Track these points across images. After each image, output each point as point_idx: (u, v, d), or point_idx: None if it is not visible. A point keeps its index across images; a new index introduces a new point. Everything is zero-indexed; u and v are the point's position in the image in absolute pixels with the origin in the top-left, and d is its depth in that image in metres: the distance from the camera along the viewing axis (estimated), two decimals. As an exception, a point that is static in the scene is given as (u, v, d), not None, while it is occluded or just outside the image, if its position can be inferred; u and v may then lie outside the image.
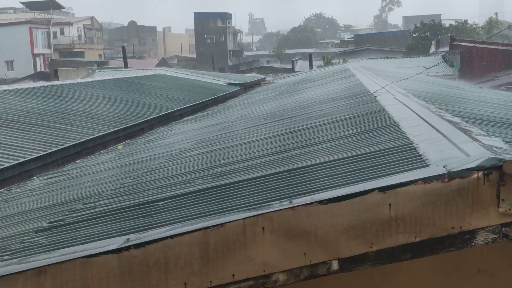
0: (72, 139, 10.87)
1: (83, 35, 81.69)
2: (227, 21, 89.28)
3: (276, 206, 2.69)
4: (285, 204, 2.68)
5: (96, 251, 2.66)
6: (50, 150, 9.82)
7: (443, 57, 36.65)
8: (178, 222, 3.10)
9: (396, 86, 8.44)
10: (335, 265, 2.61)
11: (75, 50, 76.09)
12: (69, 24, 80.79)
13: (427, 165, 2.91)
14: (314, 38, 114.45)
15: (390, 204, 2.54)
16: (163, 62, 68.10)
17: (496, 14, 79.92)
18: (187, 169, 5.28)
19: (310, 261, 2.59)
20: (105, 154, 9.64)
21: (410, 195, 2.53)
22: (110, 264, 2.60)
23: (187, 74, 28.23)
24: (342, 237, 2.56)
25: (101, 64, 49.81)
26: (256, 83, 28.05)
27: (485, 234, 2.57)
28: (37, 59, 69.42)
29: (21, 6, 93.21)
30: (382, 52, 64.17)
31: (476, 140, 3.28)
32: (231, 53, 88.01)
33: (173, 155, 6.76)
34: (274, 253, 2.58)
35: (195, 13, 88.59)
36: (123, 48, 43.87)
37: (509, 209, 2.49)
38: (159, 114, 15.15)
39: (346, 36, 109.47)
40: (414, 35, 65.10)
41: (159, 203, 3.83)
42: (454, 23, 68.45)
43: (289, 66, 53.20)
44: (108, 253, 2.63)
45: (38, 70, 64.59)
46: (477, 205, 2.53)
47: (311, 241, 2.57)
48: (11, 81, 48.64)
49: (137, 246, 2.61)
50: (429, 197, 2.52)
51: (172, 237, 2.61)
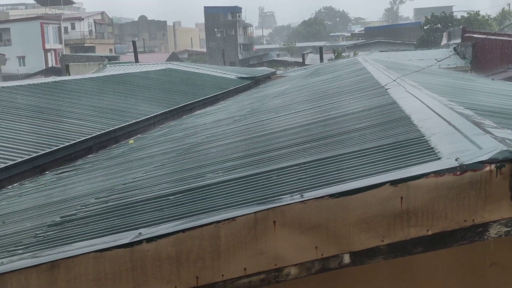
0: (84, 134, 10.92)
1: (93, 30, 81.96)
2: (237, 14, 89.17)
3: (287, 199, 2.69)
4: (296, 197, 2.68)
5: (108, 245, 2.67)
6: (62, 145, 9.88)
7: (454, 49, 36.39)
8: (189, 216, 3.11)
9: (407, 79, 8.40)
10: (346, 259, 2.60)
11: (86, 45, 76.35)
12: (79, 19, 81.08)
13: (439, 158, 2.90)
14: (324, 31, 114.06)
15: (401, 198, 2.53)
16: (174, 57, 68.16)
17: (509, 5, 79.28)
18: (198, 163, 5.29)
19: (322, 254, 2.59)
20: (117, 149, 9.68)
21: (422, 188, 2.52)
22: (123, 258, 2.62)
23: (197, 68, 28.24)
24: (353, 231, 2.56)
25: (112, 59, 49.89)
26: (267, 77, 28.02)
27: (497, 227, 2.55)
28: (49, 54, 69.73)
29: (32, 1, 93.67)
30: (393, 44, 63.90)
31: (488, 132, 3.26)
32: (241, 47, 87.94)
33: (184, 149, 6.78)
34: (285, 246, 2.58)
35: (205, 7, 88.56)
36: (134, 43, 43.93)
37: (522, 202, 2.48)
38: (170, 108, 15.19)
39: (357, 29, 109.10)
40: (425, 27, 64.75)
41: (171, 197, 3.84)
42: (465, 14, 67.96)
43: (300, 59, 53.07)
44: (120, 247, 2.64)
45: (50, 65, 64.84)
46: (489, 198, 2.51)
47: (323, 234, 2.57)
48: (23, 76, 48.89)
49: (149, 240, 2.62)
50: (441, 190, 2.51)
51: (183, 231, 2.61)
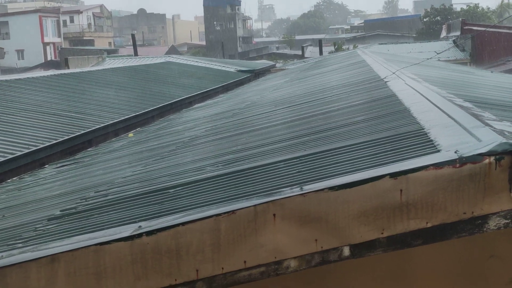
0: (83, 127, 10.93)
1: (92, 23, 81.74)
2: (236, 7, 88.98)
3: (287, 192, 2.70)
4: (296, 190, 2.68)
5: (108, 239, 2.67)
6: (61, 139, 9.89)
7: (454, 41, 36.30)
8: (189, 209, 3.11)
9: (407, 71, 8.39)
10: (346, 251, 2.61)
11: (85, 38, 76.19)
12: (78, 12, 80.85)
13: (438, 151, 2.90)
14: (324, 24, 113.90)
15: (401, 190, 2.53)
16: (173, 50, 68.04)
17: (508, -3, 79.05)
18: (198, 156, 5.29)
19: (322, 247, 2.59)
20: (116, 142, 9.67)
21: (421, 181, 2.52)
22: (123, 251, 2.62)
23: (197, 61, 28.22)
24: (353, 223, 2.56)
25: (111, 52, 49.84)
26: (266, 70, 28.01)
27: (497, 219, 2.56)
28: (47, 47, 69.60)
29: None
30: (393, 37, 63.82)
31: (487, 125, 3.26)
32: (240, 40, 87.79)
33: (184, 142, 6.77)
34: (285, 239, 2.59)
35: (204, 0, 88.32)
36: (133, 36, 43.86)
37: (521, 194, 2.48)
38: (170, 102, 15.18)
39: (356, 22, 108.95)
40: (425, 19, 64.62)
41: (171, 191, 3.84)
42: (465, 7, 67.84)
43: (299, 52, 52.95)
44: (120, 240, 2.64)
45: (49, 58, 64.76)
46: (488, 190, 2.52)
47: (322, 227, 2.57)
48: (22, 70, 48.82)
49: (149, 233, 2.63)
50: (440, 182, 2.51)
51: (183, 224, 2.62)
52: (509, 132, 2.98)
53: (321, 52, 40.51)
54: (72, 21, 79.20)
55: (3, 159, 8.29)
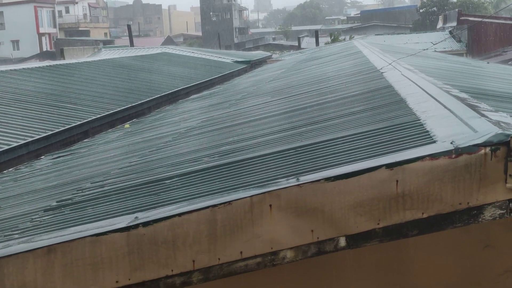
0: (80, 118, 10.91)
1: (88, 14, 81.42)
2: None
3: (283, 183, 2.70)
4: (292, 181, 2.68)
5: (105, 230, 2.68)
6: (57, 130, 9.87)
7: (450, 32, 36.30)
8: (185, 200, 3.11)
9: (403, 62, 8.38)
10: (342, 242, 2.62)
11: (80, 29, 75.93)
12: (74, 2, 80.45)
13: (434, 141, 2.90)
14: (320, 15, 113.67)
15: (397, 181, 2.54)
16: (169, 41, 67.90)
17: (504, -12, 78.93)
18: (194, 147, 5.29)
19: (318, 238, 2.60)
20: (112, 133, 9.66)
21: (417, 172, 2.53)
22: (119, 242, 2.62)
23: (193, 52, 28.15)
24: (349, 214, 2.57)
25: (107, 43, 49.70)
26: (263, 61, 27.97)
27: (492, 209, 2.56)
28: (43, 38, 69.33)
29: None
30: (389, 28, 63.74)
31: (483, 115, 3.27)
32: (237, 30, 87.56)
33: (180, 133, 6.77)
34: (281, 230, 2.59)
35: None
36: (129, 27, 43.67)
37: (517, 185, 2.49)
38: (166, 93, 15.15)
39: (353, 12, 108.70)
40: (421, 10, 64.49)
41: (167, 181, 3.84)
42: (461, -3, 67.67)
43: (295, 43, 52.86)
44: (116, 231, 2.64)
45: (44, 49, 64.56)
46: (484, 181, 2.52)
47: (319, 218, 2.58)
48: (17, 60, 48.64)
49: (145, 224, 2.63)
50: (436, 173, 2.52)
51: (180, 215, 2.62)
52: (505, 123, 2.98)
53: (317, 43, 40.44)
54: (67, 11, 78.88)
55: (-1, 150, 8.27)
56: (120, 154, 6.47)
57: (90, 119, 11.02)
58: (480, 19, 34.61)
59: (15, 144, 8.65)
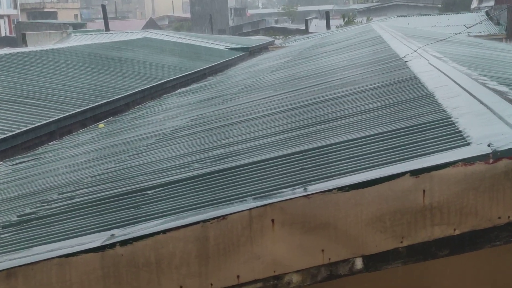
0: (45, 117, 10.91)
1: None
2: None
3: (288, 194, 2.70)
4: (299, 191, 2.69)
5: (75, 250, 2.68)
6: (18, 130, 9.86)
7: (486, 13, 36.37)
8: (171, 214, 3.12)
9: (430, 49, 8.40)
10: (358, 264, 2.62)
11: (46, 10, 76.05)
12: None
13: (468, 143, 2.91)
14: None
15: (424, 191, 2.54)
16: (152, 24, 67.99)
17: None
18: (182, 151, 5.30)
19: (329, 259, 2.60)
20: (84, 134, 9.67)
21: (447, 180, 2.53)
22: (92, 265, 2.63)
23: (180, 38, 28.21)
24: (367, 231, 2.57)
25: (78, 27, 49.76)
26: (263, 47, 28.04)
27: (537, 225, 2.57)
28: (1, 21, 69.36)
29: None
30: (414, 8, 63.87)
31: (527, 113, 3.28)
32: (232, 11, 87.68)
33: (165, 134, 6.78)
34: (286, 250, 2.60)
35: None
36: (104, 8, 43.78)
37: None
38: (148, 86, 15.17)
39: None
40: (452, -13, 64.61)
41: (149, 192, 3.84)
42: (500, -28, 67.81)
43: (302, 26, 53.02)
44: (89, 251, 2.65)
45: (3, 34, 64.57)
46: (528, 190, 2.53)
47: (330, 235, 2.58)
48: (-29, 48, 48.68)
49: (124, 243, 2.63)
50: (470, 181, 2.52)
51: (164, 232, 2.62)
52: (552, 122, 2.99)
53: (328, 27, 40.56)
54: (30, -11, 79.00)
55: None
56: (93, 159, 6.48)
57: (57, 117, 11.03)
58: (522, -2, 34.64)
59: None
